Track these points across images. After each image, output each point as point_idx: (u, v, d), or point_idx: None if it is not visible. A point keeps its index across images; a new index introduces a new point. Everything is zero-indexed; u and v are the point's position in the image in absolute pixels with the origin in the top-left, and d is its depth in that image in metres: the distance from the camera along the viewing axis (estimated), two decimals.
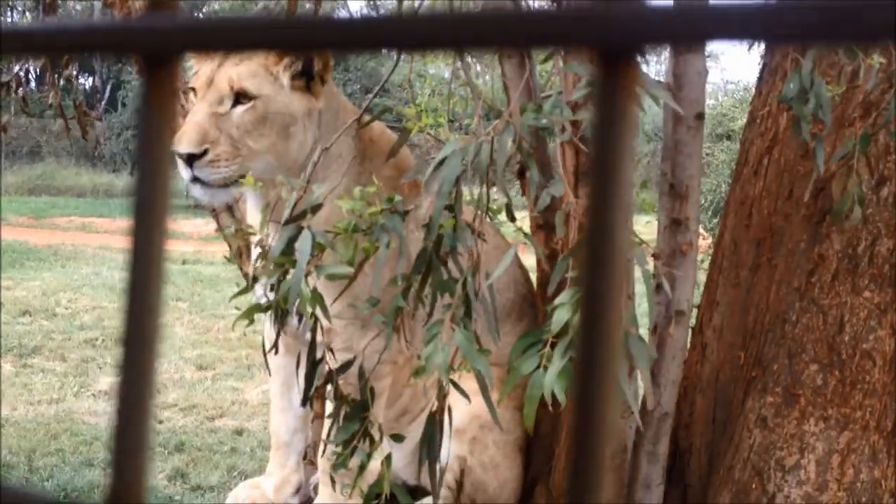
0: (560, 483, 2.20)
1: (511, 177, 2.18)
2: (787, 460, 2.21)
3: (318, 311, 1.58)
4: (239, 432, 5.58)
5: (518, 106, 1.72)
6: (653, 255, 2.34)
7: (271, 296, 1.62)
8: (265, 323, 2.27)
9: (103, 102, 23.45)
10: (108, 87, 23.81)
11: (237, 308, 1.70)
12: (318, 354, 1.68)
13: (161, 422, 5.74)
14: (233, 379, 6.50)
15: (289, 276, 1.56)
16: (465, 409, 2.14)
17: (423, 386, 2.03)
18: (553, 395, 1.72)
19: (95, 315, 8.27)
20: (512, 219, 1.77)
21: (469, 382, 1.77)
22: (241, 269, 1.93)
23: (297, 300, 1.53)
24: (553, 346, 1.70)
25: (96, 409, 5.86)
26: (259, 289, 1.72)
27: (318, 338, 1.66)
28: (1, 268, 9.49)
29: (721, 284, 2.49)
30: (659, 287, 2.25)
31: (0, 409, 5.69)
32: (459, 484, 2.23)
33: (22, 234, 13.23)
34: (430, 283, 1.54)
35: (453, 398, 1.94)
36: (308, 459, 2.49)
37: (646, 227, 2.61)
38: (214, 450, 5.25)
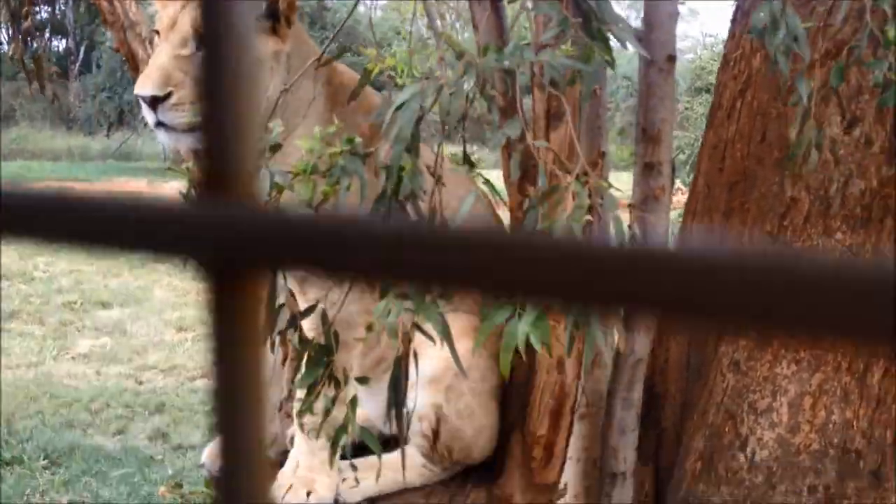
0: (535, 430, 2.20)
1: (486, 119, 2.14)
2: (759, 403, 2.22)
3: None
4: None
5: (481, 48, 1.69)
6: (628, 206, 2.33)
7: None
8: None
9: (77, 64, 23.10)
10: (82, 49, 23.43)
11: None
12: (281, 299, 1.66)
13: (141, 383, 5.72)
14: None
15: None
16: (439, 357, 2.13)
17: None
18: (527, 343, 1.71)
19: (73, 278, 8.22)
20: (470, 165, 1.74)
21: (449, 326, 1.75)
22: None
23: None
24: None
25: (75, 372, 5.84)
26: None
27: (280, 282, 1.64)
28: None
29: (694, 230, 2.49)
30: (633, 237, 2.24)
31: None
32: (435, 432, 2.23)
33: None
34: None
35: (427, 347, 1.93)
36: (284, 412, 2.48)
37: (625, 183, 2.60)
38: (195, 410, 5.25)
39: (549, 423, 2.17)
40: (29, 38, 3.80)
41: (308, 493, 2.09)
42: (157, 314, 7.19)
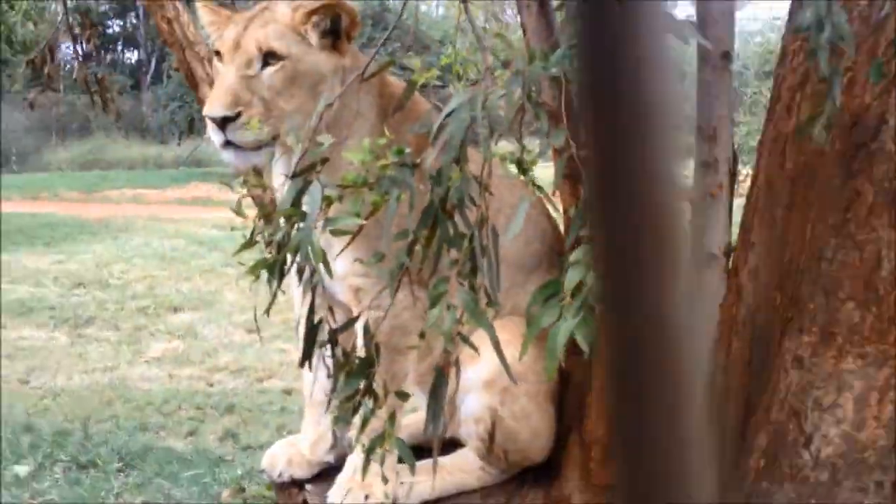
0: (593, 431, 2.19)
1: (534, 126, 2.14)
2: (824, 399, 2.16)
3: (322, 268, 1.58)
4: (287, 392, 5.67)
5: (527, 54, 1.68)
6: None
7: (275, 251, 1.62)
8: (293, 290, 2.27)
9: (149, 75, 23.69)
10: (154, 60, 24.01)
11: (241, 263, 1.70)
12: (319, 315, 1.68)
13: (212, 385, 5.85)
14: (280, 341, 6.59)
15: (296, 229, 1.55)
16: (494, 361, 2.13)
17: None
18: (573, 343, 1.70)
19: (147, 284, 8.43)
20: (522, 171, 1.73)
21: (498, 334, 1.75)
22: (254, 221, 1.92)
23: (308, 253, 1.52)
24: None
25: (149, 376, 5.99)
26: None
27: (318, 297, 1.65)
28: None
29: (756, 225, 2.43)
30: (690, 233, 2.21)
31: (56, 378, 5.84)
32: (491, 435, 2.23)
33: (74, 209, 13.47)
34: (437, 238, 1.51)
35: (482, 351, 1.93)
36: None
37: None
38: (264, 410, 5.35)
39: (607, 424, 2.16)
40: (91, 59, 3.91)
41: (366, 497, 2.11)
42: (226, 317, 7.33)
